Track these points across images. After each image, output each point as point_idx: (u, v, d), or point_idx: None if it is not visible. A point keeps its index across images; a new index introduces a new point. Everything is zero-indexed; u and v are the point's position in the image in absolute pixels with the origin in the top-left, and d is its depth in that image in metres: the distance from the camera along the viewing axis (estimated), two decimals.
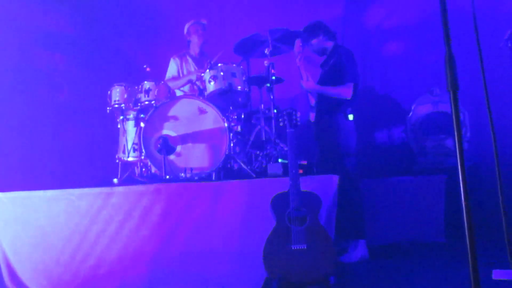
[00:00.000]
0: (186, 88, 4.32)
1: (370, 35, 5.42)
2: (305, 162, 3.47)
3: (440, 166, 4.40)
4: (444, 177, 4.09)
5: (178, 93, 4.31)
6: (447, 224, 4.02)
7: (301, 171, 2.97)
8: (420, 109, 4.63)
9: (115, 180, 3.59)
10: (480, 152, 4.43)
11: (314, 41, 3.79)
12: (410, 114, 4.66)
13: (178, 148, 3.44)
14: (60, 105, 4.76)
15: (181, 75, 4.40)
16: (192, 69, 4.40)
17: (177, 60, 4.46)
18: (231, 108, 3.81)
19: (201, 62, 4.42)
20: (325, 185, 3.04)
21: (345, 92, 3.54)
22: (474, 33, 1.81)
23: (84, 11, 4.98)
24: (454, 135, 1.31)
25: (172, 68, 4.45)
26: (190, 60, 4.46)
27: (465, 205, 1.28)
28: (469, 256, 1.26)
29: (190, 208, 3.01)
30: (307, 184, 2.87)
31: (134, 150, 3.77)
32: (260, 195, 2.98)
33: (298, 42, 3.65)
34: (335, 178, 3.07)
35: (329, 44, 3.80)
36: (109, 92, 3.88)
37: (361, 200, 3.57)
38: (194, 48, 4.48)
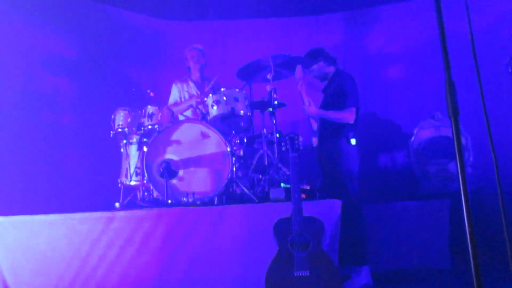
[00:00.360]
0: (189, 112, 4.35)
1: (371, 60, 5.49)
2: (307, 187, 3.46)
3: (443, 191, 4.37)
4: (448, 202, 4.06)
5: (181, 117, 4.34)
6: (452, 250, 3.96)
7: (303, 196, 2.96)
8: (422, 134, 4.64)
9: (117, 205, 3.58)
10: (484, 177, 4.41)
11: (315, 67, 3.84)
12: (412, 138, 4.67)
13: (181, 172, 3.44)
14: (63, 129, 4.79)
15: (182, 100, 4.45)
16: (194, 94, 4.44)
17: (179, 85, 4.51)
18: (233, 132, 3.82)
19: (203, 86, 4.48)
20: (328, 210, 3.02)
21: (348, 116, 3.56)
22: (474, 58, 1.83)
23: (89, 36, 5.06)
24: (456, 159, 1.31)
25: (174, 94, 4.50)
26: (191, 84, 4.51)
27: (469, 231, 1.27)
28: (475, 285, 1.23)
29: (192, 233, 2.98)
30: (310, 209, 2.85)
31: (137, 174, 3.77)
32: (262, 220, 2.96)
33: (299, 68, 3.69)
34: (338, 203, 3.05)
35: (330, 70, 3.84)
36: (112, 116, 3.92)
37: (364, 225, 3.53)
38: (195, 73, 4.54)
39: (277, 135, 3.70)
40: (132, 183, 3.79)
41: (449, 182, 4.42)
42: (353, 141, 3.58)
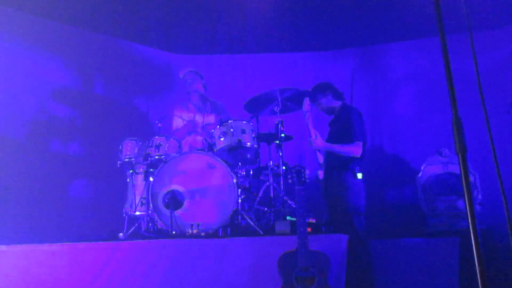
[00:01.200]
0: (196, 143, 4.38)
1: (379, 95, 5.53)
2: (313, 220, 3.41)
3: (452, 228, 4.29)
4: (457, 240, 3.97)
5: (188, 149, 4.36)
6: None
7: (309, 230, 2.92)
8: (430, 170, 4.60)
9: (121, 235, 3.55)
10: (493, 215, 4.34)
11: (323, 100, 3.88)
12: (420, 174, 4.63)
13: (186, 203, 3.43)
14: (71, 158, 4.83)
15: (183, 127, 4.49)
16: (195, 117, 4.48)
17: (179, 111, 4.57)
18: (240, 164, 3.83)
19: (204, 107, 4.52)
20: (334, 245, 2.97)
21: (355, 150, 3.56)
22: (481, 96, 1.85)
23: (99, 68, 5.19)
24: (465, 197, 1.30)
25: (176, 121, 4.56)
26: (191, 107, 4.56)
27: (479, 271, 1.24)
28: None
29: (196, 265, 2.94)
30: (316, 243, 2.81)
31: (142, 204, 3.76)
32: (267, 253, 2.92)
33: (306, 101, 3.73)
34: (344, 238, 3.01)
35: (337, 104, 3.88)
36: (120, 146, 3.95)
37: (371, 261, 3.47)
38: (194, 96, 4.57)
39: (284, 167, 3.70)
40: (137, 213, 3.79)
41: (458, 220, 4.34)
42: (359, 175, 3.56)
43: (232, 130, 3.62)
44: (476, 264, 1.26)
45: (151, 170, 3.72)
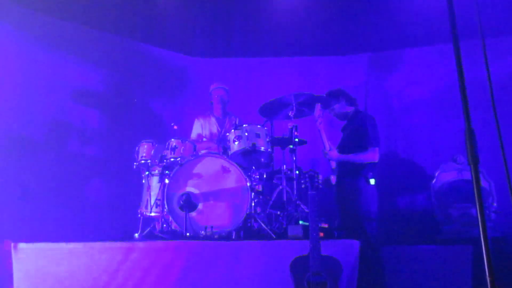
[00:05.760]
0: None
1: (393, 100, 5.51)
2: (326, 225, 3.43)
3: (466, 236, 4.25)
4: (470, 248, 3.94)
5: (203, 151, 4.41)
6: None
7: (321, 235, 2.93)
8: (444, 176, 4.57)
9: (136, 235, 3.62)
10: (509, 223, 4.28)
11: (336, 106, 3.89)
12: (434, 180, 4.59)
13: (200, 206, 3.48)
14: (88, 159, 4.92)
15: (204, 134, 4.54)
16: (215, 129, 4.54)
17: (201, 120, 4.62)
18: (253, 168, 3.86)
19: (224, 121, 4.58)
20: (346, 250, 2.99)
21: (371, 156, 3.57)
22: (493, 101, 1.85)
23: (117, 70, 5.27)
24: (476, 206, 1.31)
25: (197, 128, 4.61)
26: (213, 120, 4.62)
27: (490, 281, 1.25)
28: None
29: (209, 267, 2.98)
30: (328, 248, 2.82)
31: (157, 205, 3.83)
32: (279, 257, 2.94)
33: (318, 106, 3.73)
34: (356, 244, 3.02)
35: (350, 109, 3.89)
36: (137, 148, 4.03)
37: (383, 267, 3.46)
38: (217, 109, 4.65)
39: (297, 172, 3.73)
40: (152, 214, 3.85)
41: (472, 227, 4.30)
42: (372, 181, 3.56)
43: (246, 134, 3.66)
44: (487, 275, 1.27)
45: (167, 172, 3.78)
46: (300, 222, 3.48)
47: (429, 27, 4.90)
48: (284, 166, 3.92)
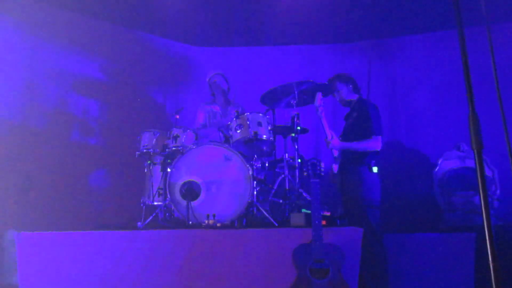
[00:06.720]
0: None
1: (396, 88, 5.47)
2: (328, 213, 3.43)
3: (469, 224, 4.25)
4: (473, 236, 3.94)
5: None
6: (477, 285, 3.82)
7: (324, 223, 2.94)
8: (447, 164, 4.55)
9: (139, 224, 3.63)
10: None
11: (343, 89, 3.85)
12: (437, 168, 4.58)
13: (202, 194, 3.48)
14: (91, 148, 4.93)
15: (206, 123, 4.53)
16: (218, 118, 4.53)
17: (204, 109, 4.61)
18: (255, 156, 3.86)
19: (226, 110, 4.56)
20: (348, 238, 2.98)
21: (374, 145, 3.55)
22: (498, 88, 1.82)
23: (119, 60, 5.25)
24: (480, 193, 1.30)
25: (200, 117, 4.59)
26: (216, 108, 4.60)
27: (493, 266, 1.24)
28: None
29: (212, 255, 3.00)
30: (330, 236, 2.84)
31: (159, 194, 3.83)
32: (281, 245, 2.95)
33: (319, 95, 3.71)
34: (359, 231, 3.02)
35: (354, 97, 3.87)
36: (139, 137, 4.02)
37: (386, 255, 3.47)
38: (219, 98, 4.63)
39: (299, 160, 3.72)
40: (155, 203, 3.86)
41: (474, 215, 4.29)
42: (375, 169, 3.55)
43: (248, 122, 3.65)
44: (490, 260, 1.27)
45: (169, 161, 3.78)
46: (303, 210, 3.48)
47: (432, 13, 4.84)
48: (286, 154, 3.92)
